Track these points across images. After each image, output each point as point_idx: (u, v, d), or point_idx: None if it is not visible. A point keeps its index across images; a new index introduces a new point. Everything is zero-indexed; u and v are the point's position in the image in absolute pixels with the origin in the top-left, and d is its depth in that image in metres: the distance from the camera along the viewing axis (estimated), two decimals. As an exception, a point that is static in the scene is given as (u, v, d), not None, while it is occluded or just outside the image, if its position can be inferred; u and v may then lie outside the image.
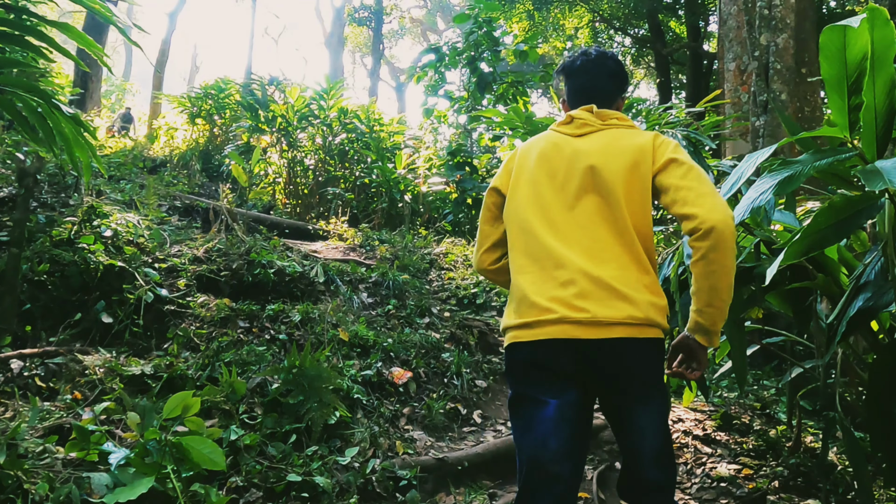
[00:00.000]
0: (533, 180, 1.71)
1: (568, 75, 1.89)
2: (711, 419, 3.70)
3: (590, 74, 1.83)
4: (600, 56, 1.85)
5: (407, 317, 4.26)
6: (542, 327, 1.56)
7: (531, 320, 1.58)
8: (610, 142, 1.69)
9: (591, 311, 1.53)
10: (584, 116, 1.75)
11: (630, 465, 1.61)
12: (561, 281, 1.58)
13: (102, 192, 4.97)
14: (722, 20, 8.09)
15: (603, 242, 1.61)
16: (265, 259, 3.90)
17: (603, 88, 1.83)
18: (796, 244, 2.07)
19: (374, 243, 6.76)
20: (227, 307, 3.43)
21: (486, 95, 10.34)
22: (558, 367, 1.56)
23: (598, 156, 1.66)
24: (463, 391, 3.56)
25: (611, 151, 1.66)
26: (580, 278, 1.56)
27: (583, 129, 1.74)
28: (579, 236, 1.62)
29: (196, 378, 2.79)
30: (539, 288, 1.60)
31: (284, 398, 2.56)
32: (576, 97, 1.85)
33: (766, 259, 2.55)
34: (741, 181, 1.94)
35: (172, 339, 3.15)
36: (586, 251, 1.60)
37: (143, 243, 3.81)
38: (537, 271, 1.62)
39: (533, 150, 1.76)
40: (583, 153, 1.68)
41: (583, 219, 1.64)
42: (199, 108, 14.58)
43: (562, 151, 1.71)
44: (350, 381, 2.98)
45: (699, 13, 16.96)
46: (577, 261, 1.59)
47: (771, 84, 5.83)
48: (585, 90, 1.83)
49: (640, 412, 1.58)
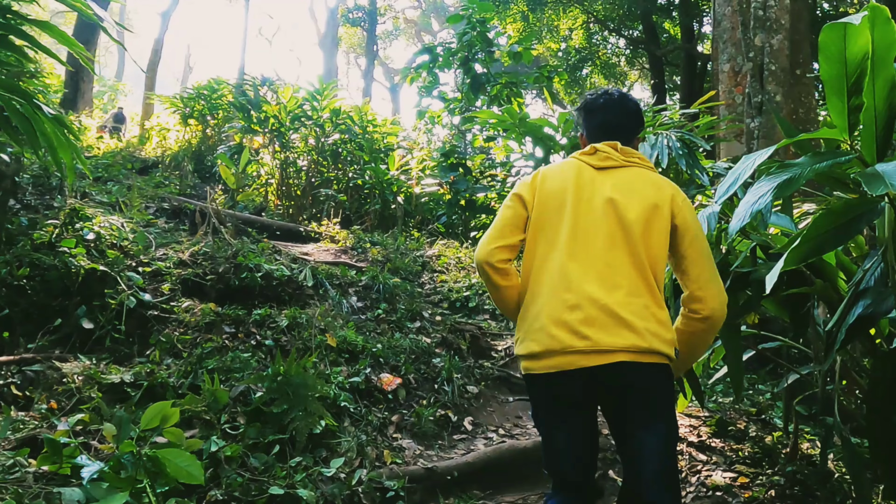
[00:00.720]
0: (556, 206, 1.78)
1: (590, 111, 1.97)
2: (706, 425, 3.64)
3: (612, 113, 1.93)
4: (622, 96, 1.97)
5: (397, 321, 4.19)
6: (549, 359, 1.66)
7: (539, 351, 1.67)
8: (634, 179, 1.80)
9: (594, 340, 1.61)
10: (607, 150, 1.84)
11: (631, 484, 1.67)
12: (568, 305, 1.65)
13: (88, 193, 4.88)
14: (716, 21, 8.06)
15: (616, 270, 1.69)
16: (252, 262, 3.82)
17: (624, 126, 1.93)
18: (796, 250, 2.01)
19: (365, 245, 6.68)
20: (213, 312, 3.35)
21: (480, 96, 10.27)
22: (568, 395, 1.69)
23: (621, 191, 1.76)
24: (454, 397, 3.50)
25: (635, 189, 1.77)
26: (587, 304, 1.64)
27: (606, 163, 1.83)
28: (594, 262, 1.69)
29: (178, 386, 2.71)
30: (547, 310, 1.68)
31: (268, 407, 2.48)
32: (597, 133, 1.93)
33: (763, 264, 2.50)
34: (738, 183, 1.87)
35: (155, 346, 3.07)
36: (598, 277, 1.68)
37: (127, 247, 3.73)
38: (547, 293, 1.70)
39: (557, 177, 1.83)
40: (607, 186, 1.77)
41: (600, 247, 1.71)
42: (192, 108, 14.47)
43: (585, 181, 1.79)
44: (337, 389, 2.91)
45: (693, 14, 16.96)
46: (587, 286, 1.66)
47: (766, 85, 5.78)
48: (607, 127, 1.92)
49: (644, 432, 1.65)
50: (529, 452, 2.96)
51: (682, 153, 5.63)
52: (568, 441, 1.73)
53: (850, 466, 2.36)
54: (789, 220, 2.82)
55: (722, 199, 1.93)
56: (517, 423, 3.62)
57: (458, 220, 9.26)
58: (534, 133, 7.02)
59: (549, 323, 1.65)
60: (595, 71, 20.33)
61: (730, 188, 1.90)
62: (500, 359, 4.65)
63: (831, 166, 1.92)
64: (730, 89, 7.68)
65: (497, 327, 5.27)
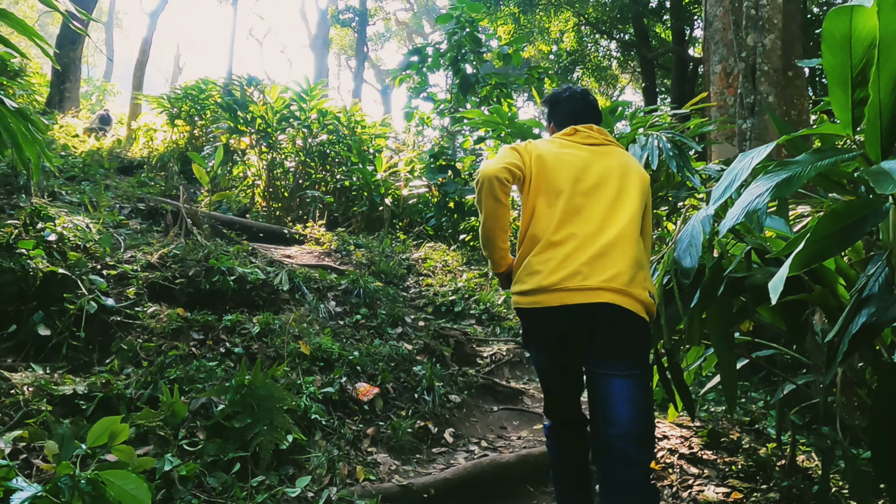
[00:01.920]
0: (554, 174, 1.97)
1: (556, 102, 2.26)
2: (698, 436, 3.50)
3: (578, 104, 2.22)
4: (584, 91, 2.28)
5: (378, 327, 4.03)
6: (538, 295, 1.86)
7: (531, 287, 1.87)
8: (617, 155, 2.08)
9: (589, 281, 1.81)
10: (587, 131, 2.11)
11: (602, 433, 1.80)
12: (566, 253, 1.86)
13: (57, 193, 4.69)
14: (707, 22, 7.95)
15: (612, 228, 1.91)
16: (225, 265, 3.65)
17: (589, 116, 2.19)
18: (800, 255, 1.86)
19: (350, 248, 6.52)
20: (180, 318, 3.18)
21: (470, 98, 10.12)
22: (554, 332, 1.91)
23: (609, 164, 2.02)
24: (434, 407, 3.33)
25: (619, 163, 2.05)
26: (589, 255, 1.85)
27: (589, 140, 2.09)
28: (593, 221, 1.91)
29: (136, 398, 2.53)
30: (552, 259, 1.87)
31: (230, 421, 2.31)
32: (567, 121, 2.18)
33: (759, 269, 2.36)
34: (736, 184, 1.72)
35: (116, 354, 2.89)
36: (597, 233, 1.89)
37: (92, 248, 3.55)
38: (551, 246, 1.89)
39: (549, 149, 2.03)
40: (596, 159, 2.02)
41: (597, 209, 1.94)
42: (179, 109, 14.27)
43: (573, 154, 2.02)
44: (308, 400, 2.73)
45: (684, 18, 16.92)
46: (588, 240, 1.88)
47: (758, 86, 5.67)
48: (576, 115, 2.19)
49: (620, 380, 1.80)
50: (512, 467, 2.80)
51: (672, 154, 5.49)
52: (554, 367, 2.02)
53: (853, 483, 2.22)
54: (784, 223, 2.68)
55: (718, 202, 1.77)
56: (501, 434, 3.46)
57: (446, 223, 9.10)
58: (523, 134, 6.87)
59: (551, 267, 1.85)
60: (586, 74, 20.26)
61: (726, 189, 1.75)
62: (485, 366, 4.49)
63: (834, 164, 1.78)
64: (721, 91, 7.57)
65: (483, 333, 5.11)
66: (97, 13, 34.78)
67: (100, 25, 38.45)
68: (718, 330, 2.39)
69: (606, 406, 1.79)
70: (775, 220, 2.66)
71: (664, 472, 3.11)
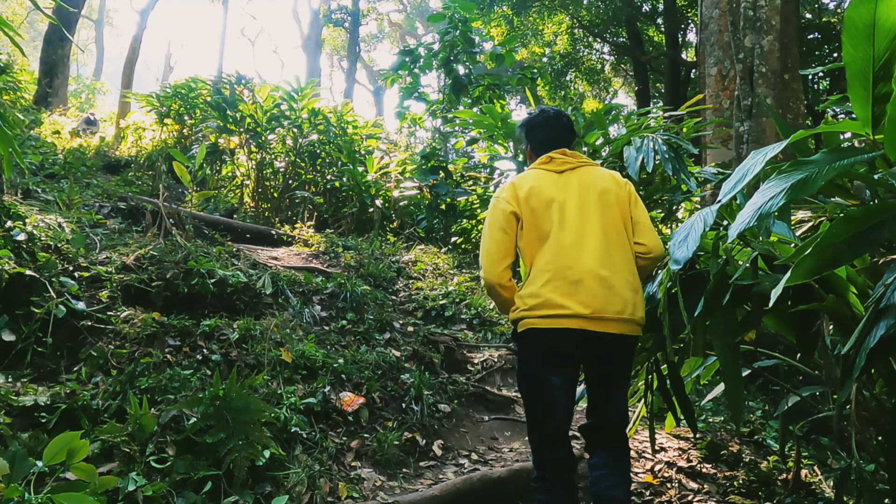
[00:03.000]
0: (542, 208, 2.13)
1: (531, 128, 2.39)
2: (696, 448, 3.37)
3: (550, 128, 2.34)
4: (557, 113, 2.40)
5: (365, 332, 3.87)
6: (556, 319, 2.00)
7: (550, 313, 2.01)
8: (591, 175, 2.22)
9: (595, 308, 2.00)
10: (561, 157, 2.24)
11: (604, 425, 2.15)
12: (572, 279, 2.02)
13: (31, 191, 4.51)
14: (703, 24, 7.86)
15: (604, 248, 2.09)
16: (205, 268, 3.48)
17: (562, 139, 2.32)
18: (806, 261, 1.74)
19: (338, 250, 6.36)
20: (155, 323, 3.01)
21: (462, 98, 9.98)
22: (565, 351, 2.05)
23: (586, 186, 2.17)
24: (423, 418, 3.18)
25: (595, 182, 2.19)
26: (588, 278, 2.02)
27: (563, 167, 2.22)
28: (586, 243, 2.08)
29: (102, 409, 2.37)
30: (555, 283, 2.03)
31: (202, 436, 2.15)
32: (541, 146, 2.33)
33: (766, 276, 2.23)
34: (746, 181, 1.59)
35: (85, 361, 2.73)
36: (593, 254, 2.06)
37: (64, 249, 3.37)
38: (552, 270, 2.05)
39: (532, 184, 2.18)
40: (573, 184, 2.17)
41: (588, 232, 2.10)
42: (168, 107, 14.06)
43: (557, 183, 2.18)
44: (288, 411, 2.58)
45: (678, 21, 16.89)
46: (586, 263, 2.04)
47: (756, 88, 5.57)
48: (548, 141, 2.31)
49: (618, 386, 2.16)
50: (504, 483, 2.65)
51: (668, 157, 5.38)
52: (562, 388, 2.06)
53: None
54: (787, 228, 2.55)
55: (728, 195, 1.64)
56: (492, 446, 3.32)
57: (438, 225, 8.95)
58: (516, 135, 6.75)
59: (559, 293, 2.01)
60: (579, 77, 20.20)
61: (735, 186, 1.63)
62: (476, 373, 4.35)
63: (852, 165, 1.65)
64: (717, 93, 7.47)
65: (474, 338, 4.97)
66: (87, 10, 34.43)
67: (90, 23, 38.07)
68: (723, 340, 2.26)
69: (607, 406, 2.14)
70: (779, 225, 2.53)
71: (662, 486, 2.98)
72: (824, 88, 15.96)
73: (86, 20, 35.99)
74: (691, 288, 2.45)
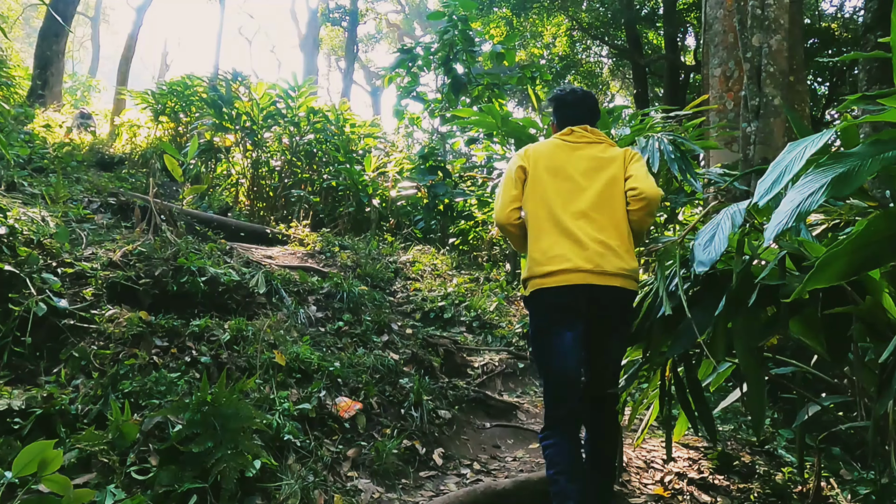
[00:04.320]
0: (552, 172, 2.35)
1: (561, 104, 2.58)
2: (707, 458, 3.23)
3: (579, 108, 2.54)
4: (585, 94, 2.59)
5: (362, 334, 3.72)
6: (564, 275, 2.19)
7: (555, 269, 2.21)
8: (603, 151, 2.41)
9: (600, 265, 2.20)
10: (581, 132, 2.46)
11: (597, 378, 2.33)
12: (574, 238, 2.23)
13: (16, 184, 4.34)
14: (707, 24, 7.75)
15: (602, 215, 2.28)
16: (195, 265, 3.33)
17: (587, 118, 2.52)
18: (839, 261, 1.60)
19: (334, 249, 6.21)
20: (141, 322, 2.86)
21: (461, 98, 9.84)
22: (575, 305, 2.21)
23: (596, 159, 2.38)
24: (422, 424, 3.04)
25: (605, 157, 2.39)
26: (591, 242, 2.22)
27: (581, 140, 2.44)
28: (586, 209, 2.27)
29: (82, 415, 2.21)
30: (559, 243, 2.23)
31: (187, 445, 2.00)
32: (567, 121, 2.53)
33: (794, 277, 2.09)
34: (787, 178, 1.45)
35: (65, 362, 2.57)
36: (591, 220, 2.26)
37: (48, 244, 3.21)
38: (555, 231, 2.26)
39: (546, 151, 2.41)
40: (585, 156, 2.39)
41: (588, 198, 2.29)
42: (164, 105, 13.90)
43: (570, 154, 2.39)
44: (281, 418, 2.43)
45: (677, 25, 16.80)
46: (585, 226, 2.25)
47: (763, 88, 5.45)
48: (575, 118, 2.52)
49: (614, 345, 2.33)
50: (509, 495, 2.51)
51: (674, 157, 5.25)
52: (575, 341, 2.20)
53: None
54: (805, 229, 2.41)
55: (766, 197, 1.50)
56: (494, 455, 3.17)
57: (435, 226, 8.80)
58: (517, 134, 6.61)
59: (562, 252, 2.21)
60: (577, 79, 20.10)
61: (775, 183, 1.48)
62: (476, 377, 4.21)
63: (900, 156, 1.51)
64: (721, 94, 7.36)
65: (474, 341, 4.83)
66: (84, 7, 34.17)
67: (86, 20, 37.82)
68: (746, 343, 2.12)
69: (599, 364, 2.32)
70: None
71: (673, 499, 2.83)
72: (822, 94, 15.90)
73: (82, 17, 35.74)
74: (710, 286, 2.32)
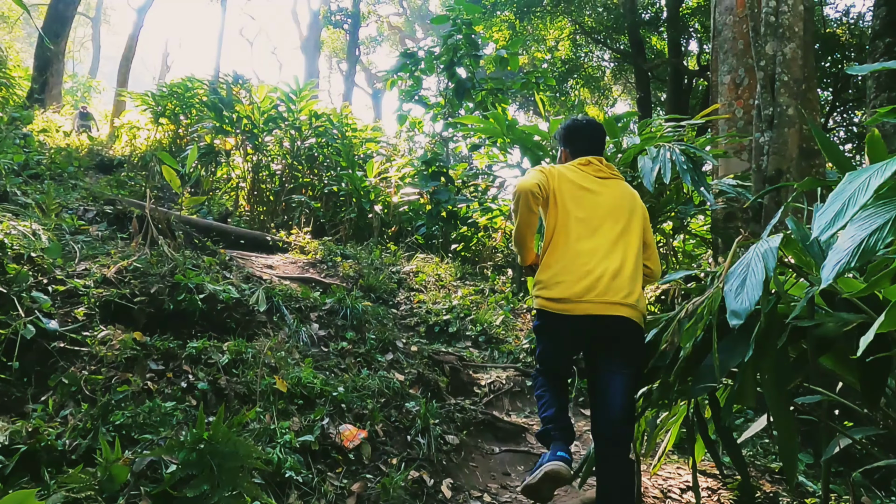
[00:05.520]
0: (576, 202, 2.39)
1: (577, 136, 2.62)
2: (727, 489, 3.09)
3: (592, 140, 2.62)
4: (598, 124, 2.66)
5: (366, 353, 3.58)
6: (569, 304, 2.25)
7: (561, 296, 2.26)
8: (622, 188, 2.50)
9: (607, 295, 2.24)
10: (598, 164, 2.53)
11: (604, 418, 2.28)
12: (587, 268, 2.28)
13: (9, 193, 4.20)
14: (716, 31, 7.62)
15: (619, 251, 2.34)
16: (193, 282, 3.19)
17: (599, 149, 2.63)
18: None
19: (336, 259, 6.06)
20: (136, 344, 2.71)
21: (464, 103, 9.71)
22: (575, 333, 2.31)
23: (616, 195, 2.46)
24: (430, 452, 2.89)
25: (625, 196, 2.48)
26: (600, 271, 2.27)
27: (600, 174, 2.50)
28: (604, 242, 2.34)
29: (70, 450, 2.07)
30: (571, 269, 2.28)
31: (181, 489, 1.86)
32: (581, 151, 2.58)
33: (826, 315, 1.94)
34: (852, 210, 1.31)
35: (54, 389, 2.43)
36: (608, 254, 2.32)
37: (38, 260, 3.07)
38: (570, 258, 2.31)
39: (566, 178, 2.44)
40: (606, 191, 2.45)
41: (606, 232, 2.36)
42: (164, 107, 13.79)
43: (589, 186, 2.44)
44: (282, 452, 2.29)
45: (681, 29, 16.70)
46: (600, 259, 2.30)
47: (777, 97, 5.31)
48: (589, 149, 2.58)
49: (620, 375, 2.27)
50: (523, 534, 2.37)
51: (687, 168, 5.12)
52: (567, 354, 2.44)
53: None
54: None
55: (827, 232, 1.35)
56: (505, 484, 3.03)
57: (438, 232, 8.66)
58: (523, 141, 6.48)
59: (573, 279, 2.27)
60: (580, 83, 19.99)
61: (837, 218, 1.34)
62: (483, 395, 4.07)
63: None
64: (730, 102, 7.22)
65: (480, 357, 4.69)
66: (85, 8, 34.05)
67: (87, 20, 37.72)
68: (776, 388, 1.98)
69: (607, 396, 2.26)
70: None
71: (694, 534, 2.69)
72: (825, 100, 15.80)
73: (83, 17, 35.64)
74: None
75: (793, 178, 5.35)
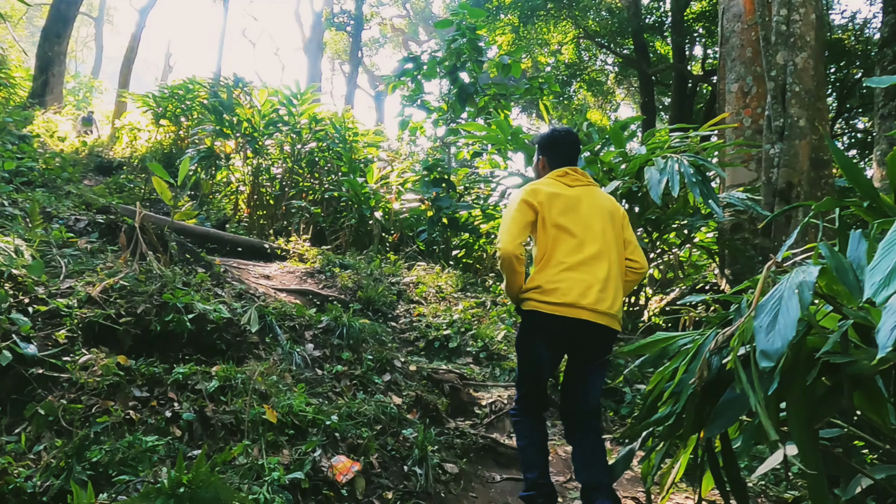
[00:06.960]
0: (564, 214, 2.54)
1: (556, 147, 2.77)
2: (739, 523, 2.94)
3: (568, 149, 2.76)
4: (574, 134, 2.80)
5: (362, 375, 3.44)
6: (561, 308, 2.43)
7: (556, 301, 2.43)
8: (597, 194, 2.67)
9: (596, 304, 2.44)
10: (574, 174, 2.68)
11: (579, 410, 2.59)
12: (579, 279, 2.46)
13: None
14: (723, 38, 7.47)
15: (604, 257, 2.53)
16: (182, 301, 3.05)
17: (575, 158, 2.77)
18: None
19: (335, 269, 5.92)
20: (120, 369, 2.58)
21: (467, 108, 9.58)
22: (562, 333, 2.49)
23: (594, 203, 2.62)
24: (427, 483, 2.75)
25: (602, 202, 2.65)
26: (594, 282, 2.46)
27: (577, 183, 2.66)
28: (590, 249, 2.51)
29: (42, 491, 1.94)
30: (562, 276, 2.46)
31: (158, 541, 1.72)
32: (558, 162, 2.73)
33: (861, 352, 1.81)
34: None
35: (30, 420, 2.29)
36: (595, 260, 2.50)
37: (20, 278, 2.94)
38: (560, 266, 2.48)
39: (550, 190, 2.59)
40: (585, 199, 2.61)
41: (591, 240, 2.53)
42: (165, 108, 13.69)
43: (571, 194, 2.60)
44: (270, 491, 2.15)
45: (685, 34, 16.54)
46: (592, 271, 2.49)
47: (788, 108, 5.16)
48: (566, 159, 2.74)
49: (597, 372, 2.59)
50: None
51: (695, 181, 4.97)
52: (551, 358, 2.59)
53: None
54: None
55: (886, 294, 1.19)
56: (506, 517, 2.89)
57: (438, 238, 8.52)
58: (527, 149, 6.34)
59: (565, 285, 2.44)
60: (583, 87, 19.87)
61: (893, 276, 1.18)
62: (483, 416, 3.93)
63: None
64: (738, 111, 7.07)
65: (481, 374, 4.55)
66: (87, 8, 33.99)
67: (89, 20, 37.67)
68: (804, 427, 1.84)
69: (587, 386, 2.57)
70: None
71: (705, 575, 2.55)
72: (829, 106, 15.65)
73: (86, 17, 35.59)
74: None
75: (804, 191, 5.21)
